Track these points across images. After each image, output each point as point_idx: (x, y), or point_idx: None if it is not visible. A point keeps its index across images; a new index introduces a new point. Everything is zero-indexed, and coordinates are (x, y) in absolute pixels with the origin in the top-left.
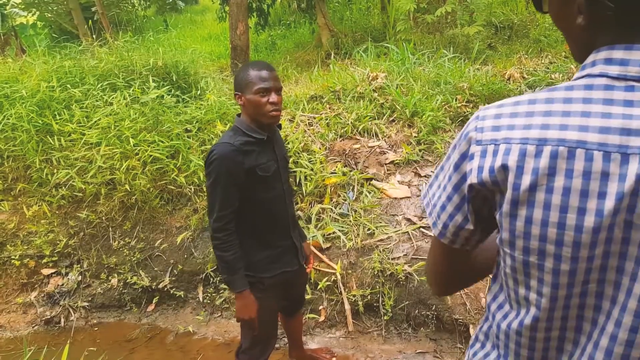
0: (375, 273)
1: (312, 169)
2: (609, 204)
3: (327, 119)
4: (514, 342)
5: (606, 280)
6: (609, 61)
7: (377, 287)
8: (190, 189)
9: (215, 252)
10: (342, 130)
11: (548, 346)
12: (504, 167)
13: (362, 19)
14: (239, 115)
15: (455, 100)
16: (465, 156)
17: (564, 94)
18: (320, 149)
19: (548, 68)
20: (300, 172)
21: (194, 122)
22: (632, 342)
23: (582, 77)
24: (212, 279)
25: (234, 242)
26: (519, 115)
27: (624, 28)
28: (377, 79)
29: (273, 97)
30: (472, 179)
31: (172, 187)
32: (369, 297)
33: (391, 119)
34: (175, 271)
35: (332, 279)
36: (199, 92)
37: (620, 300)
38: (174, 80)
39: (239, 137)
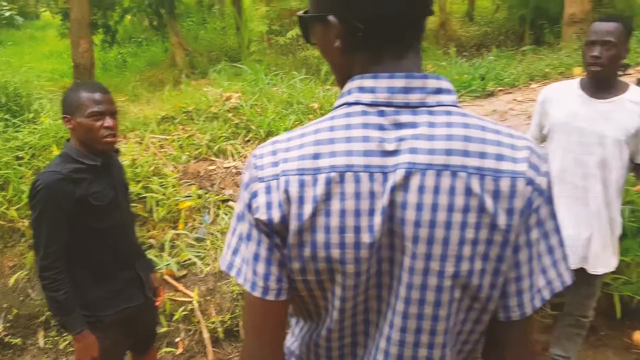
0: (235, 297)
1: (164, 194)
2: (377, 219)
3: (179, 141)
4: (314, 354)
5: (382, 285)
6: (361, 89)
7: (237, 310)
8: (24, 222)
9: (45, 293)
10: (196, 152)
11: (343, 353)
12: (288, 200)
13: (217, 39)
14: (68, 140)
15: (307, 119)
16: (252, 196)
17: (329, 123)
18: (172, 171)
19: None
20: (152, 197)
21: (27, 148)
22: (403, 342)
23: (341, 105)
24: (53, 322)
25: (65, 280)
26: (293, 149)
27: (371, 54)
28: (231, 99)
29: (108, 122)
30: (261, 215)
31: (2, 222)
32: (229, 322)
33: (246, 139)
34: (9, 316)
35: (189, 308)
36: (32, 115)
37: (392, 303)
38: (3, 102)
39: (68, 165)
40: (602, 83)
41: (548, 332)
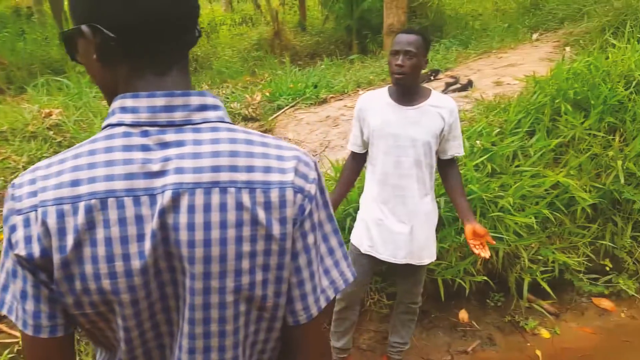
0: None
1: None
2: (148, 244)
3: None
4: None
5: (170, 308)
6: (123, 110)
7: None
8: None
9: None
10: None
11: None
12: (47, 232)
13: (38, 50)
14: None
15: None
16: (11, 230)
17: (89, 147)
18: None
19: (228, 98)
20: None
21: None
22: None
23: (105, 127)
24: None
25: None
26: (52, 177)
27: (132, 69)
28: (52, 115)
29: None
30: (20, 251)
31: None
32: None
33: None
34: None
35: (14, 349)
36: None
37: (180, 324)
38: None
39: None
40: (407, 91)
41: (386, 321)
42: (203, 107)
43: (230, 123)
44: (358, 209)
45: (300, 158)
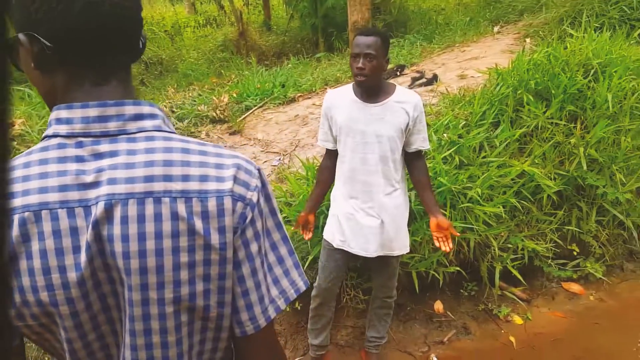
0: None
1: None
2: (83, 256)
3: None
4: None
5: (114, 320)
6: (58, 121)
7: None
8: None
9: None
10: None
11: None
12: None
13: None
14: None
15: None
16: None
17: (24, 160)
18: None
19: (195, 100)
20: None
21: None
22: None
23: (43, 138)
24: None
25: None
26: None
27: (70, 78)
28: (15, 125)
29: None
30: None
31: None
32: None
33: None
34: None
35: None
36: None
37: (123, 335)
38: None
39: None
40: (371, 89)
41: (363, 316)
42: (139, 117)
43: (168, 132)
44: (329, 206)
45: (240, 166)
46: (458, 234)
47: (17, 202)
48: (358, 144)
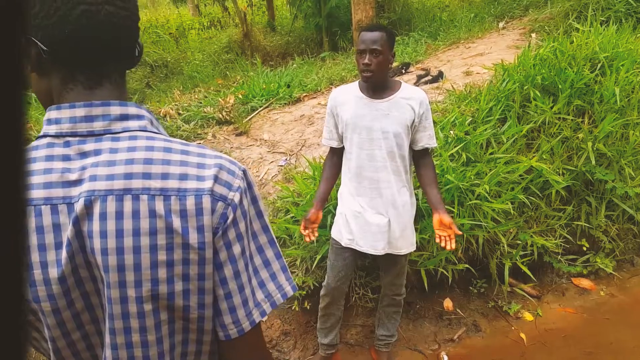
0: None
1: None
2: (64, 252)
3: None
4: None
5: (98, 319)
6: (49, 122)
7: None
8: None
9: None
10: None
11: None
12: None
13: None
14: None
15: None
16: None
17: None
18: None
19: (201, 102)
20: None
21: None
22: None
23: (36, 138)
24: None
25: None
26: None
27: (63, 81)
28: None
29: None
30: None
31: None
32: None
33: None
34: None
35: None
36: None
37: (107, 334)
38: None
39: None
40: (377, 86)
41: (372, 315)
42: (124, 117)
43: (155, 132)
44: (337, 205)
45: (222, 166)
46: (460, 232)
47: None
48: (364, 140)
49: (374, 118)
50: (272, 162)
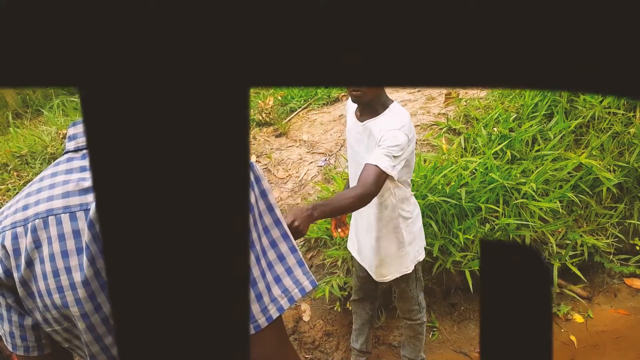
0: None
1: None
2: (84, 257)
3: (15, 190)
4: None
5: None
6: (68, 139)
7: None
8: None
9: None
10: None
11: None
12: (7, 255)
13: None
14: None
15: None
16: None
17: (41, 174)
18: None
19: None
20: None
21: None
22: None
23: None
24: None
25: None
26: (12, 205)
27: None
28: None
29: None
30: None
31: None
32: None
33: None
34: None
35: None
36: None
37: None
38: None
39: None
40: (364, 106)
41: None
42: None
43: None
44: None
45: None
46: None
47: (30, 212)
48: (351, 159)
49: (356, 140)
50: (311, 162)
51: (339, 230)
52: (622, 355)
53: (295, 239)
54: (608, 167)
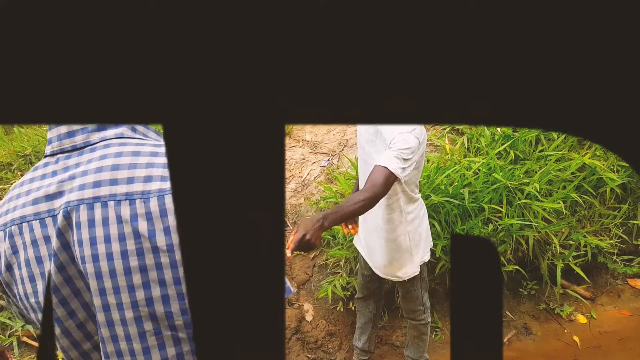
0: None
1: None
2: (52, 264)
3: None
4: None
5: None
6: (47, 142)
7: None
8: None
9: None
10: None
11: None
12: None
13: None
14: None
15: None
16: None
17: (22, 179)
18: None
19: None
20: None
21: None
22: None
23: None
24: None
25: None
26: (1, 208)
27: None
28: None
29: None
30: None
31: None
32: None
33: None
34: None
35: None
36: None
37: (100, 343)
38: None
39: None
40: None
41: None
42: (101, 127)
43: (131, 138)
44: None
45: None
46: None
47: (9, 217)
48: (360, 159)
49: (366, 140)
50: (314, 162)
51: (350, 227)
52: (625, 356)
53: (306, 252)
54: (612, 167)
